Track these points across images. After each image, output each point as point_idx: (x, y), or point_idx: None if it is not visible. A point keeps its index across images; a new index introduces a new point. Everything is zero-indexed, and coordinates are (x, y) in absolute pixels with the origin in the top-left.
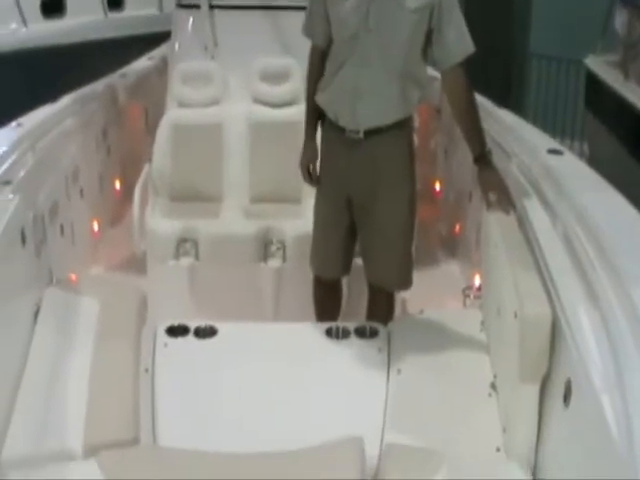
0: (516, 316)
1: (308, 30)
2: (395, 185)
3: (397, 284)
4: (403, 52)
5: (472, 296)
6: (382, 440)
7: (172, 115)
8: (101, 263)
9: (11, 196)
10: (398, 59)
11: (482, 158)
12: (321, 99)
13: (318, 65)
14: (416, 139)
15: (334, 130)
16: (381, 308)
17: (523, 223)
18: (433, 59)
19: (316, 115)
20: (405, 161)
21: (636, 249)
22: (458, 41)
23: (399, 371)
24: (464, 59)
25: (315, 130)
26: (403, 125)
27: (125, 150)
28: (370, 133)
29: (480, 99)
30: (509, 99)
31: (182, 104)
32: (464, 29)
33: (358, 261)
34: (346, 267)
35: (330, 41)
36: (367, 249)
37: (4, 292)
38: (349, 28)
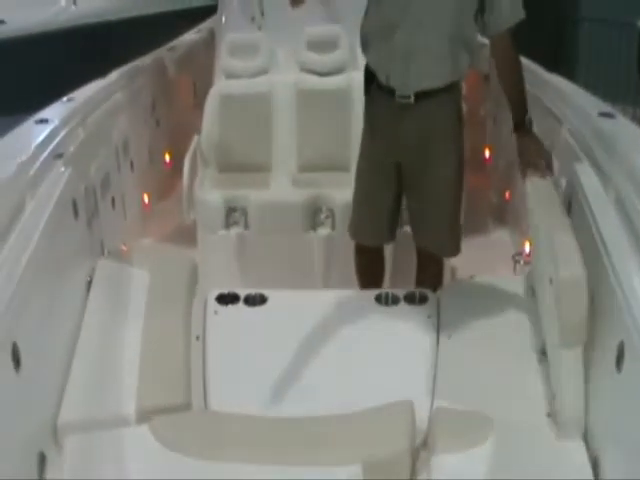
0: (551, 282)
1: None
2: (446, 150)
3: (447, 250)
4: (455, 15)
5: (522, 262)
6: (432, 404)
7: (220, 86)
8: (152, 235)
9: (63, 169)
10: (450, 21)
11: (522, 126)
12: (371, 59)
13: None
14: (464, 106)
15: (383, 94)
16: (430, 274)
17: (574, 186)
18: (483, 23)
19: None
20: (455, 126)
21: None
22: (510, 6)
23: (449, 336)
24: (514, 25)
25: None
26: (452, 89)
27: (174, 123)
28: (420, 97)
29: (530, 64)
30: (560, 64)
31: (230, 75)
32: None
33: (406, 228)
34: (393, 234)
35: None
36: (417, 215)
37: (57, 264)
38: None
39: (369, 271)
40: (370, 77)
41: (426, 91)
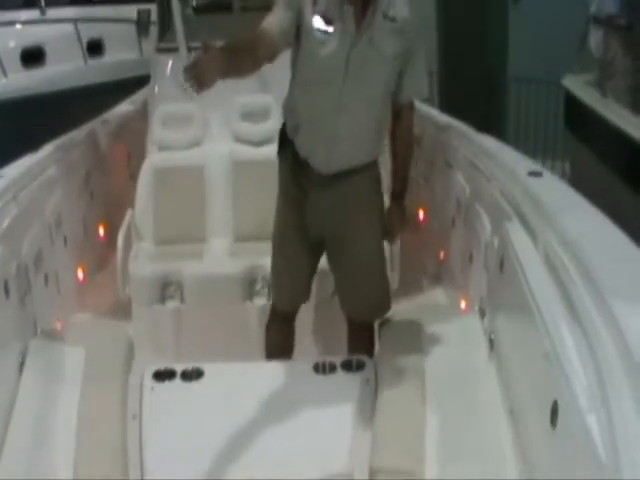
0: None
1: (271, 25)
2: (367, 220)
3: (378, 312)
4: (380, 96)
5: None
6: (370, 470)
7: (153, 159)
8: (87, 309)
9: None
10: (376, 104)
11: (397, 195)
12: (292, 133)
13: (266, 46)
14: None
15: (301, 164)
16: (363, 341)
17: (505, 245)
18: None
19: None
20: (374, 195)
21: (619, 268)
22: (419, 81)
23: (387, 401)
24: (418, 99)
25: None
26: (374, 165)
27: (109, 195)
28: (339, 174)
29: (461, 126)
30: (490, 123)
31: (163, 147)
32: (424, 72)
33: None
34: (309, 293)
35: (282, 47)
36: (343, 283)
37: None
38: (327, 72)
39: (284, 338)
40: (287, 141)
41: (345, 170)
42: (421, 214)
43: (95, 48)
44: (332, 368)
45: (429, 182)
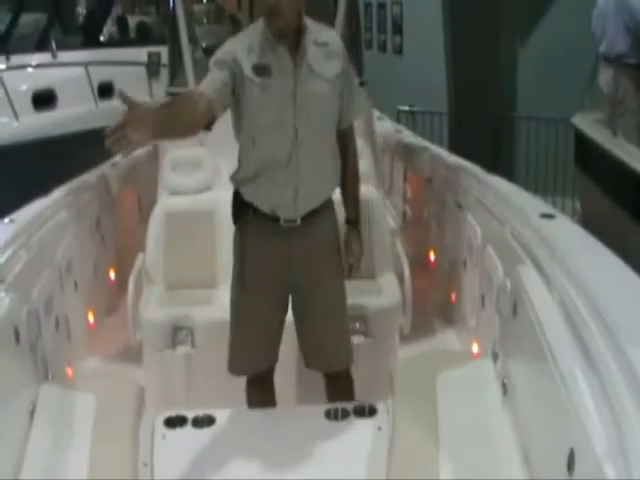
0: None
1: (208, 87)
2: (333, 261)
3: (342, 362)
4: (329, 124)
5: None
6: None
7: (163, 204)
8: (97, 354)
9: (4, 294)
10: (327, 131)
11: (354, 221)
12: (250, 195)
13: (199, 100)
14: (408, 209)
15: (264, 222)
16: (341, 389)
17: (518, 289)
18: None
19: (173, 111)
20: (337, 235)
21: (633, 311)
22: (359, 103)
23: (402, 450)
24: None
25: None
26: (330, 202)
27: (119, 239)
28: (306, 217)
29: (470, 166)
30: (499, 162)
31: (173, 192)
32: (360, 90)
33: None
34: (276, 355)
35: (218, 112)
36: (308, 336)
37: None
38: (276, 113)
39: (265, 404)
40: (242, 205)
41: (312, 211)
42: (432, 255)
43: (106, 90)
44: (345, 414)
45: (439, 223)
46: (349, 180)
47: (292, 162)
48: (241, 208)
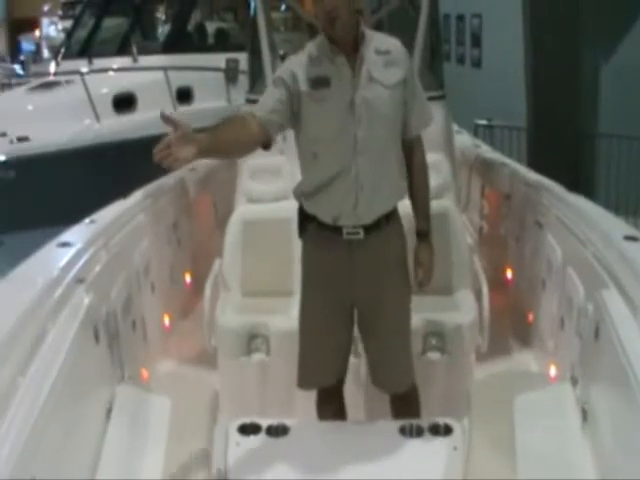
0: None
1: (264, 109)
2: (400, 277)
3: (406, 383)
4: (392, 134)
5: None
6: None
7: (242, 211)
8: (172, 357)
9: (85, 294)
10: (389, 139)
11: (424, 233)
12: (313, 207)
13: (251, 126)
14: (485, 225)
15: (327, 234)
16: (405, 409)
17: (601, 312)
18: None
19: (220, 136)
20: (403, 249)
21: None
22: (423, 113)
23: (478, 472)
24: (426, 128)
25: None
26: (395, 213)
27: (195, 243)
28: (370, 230)
29: (551, 184)
30: (579, 181)
31: (251, 199)
32: (427, 102)
33: None
34: (346, 369)
35: (272, 134)
36: (375, 353)
37: (77, 392)
38: (337, 124)
39: (337, 415)
40: (306, 218)
41: (375, 222)
42: (508, 273)
43: (184, 95)
44: (419, 431)
45: (517, 241)
46: (417, 191)
47: (352, 170)
48: (305, 221)
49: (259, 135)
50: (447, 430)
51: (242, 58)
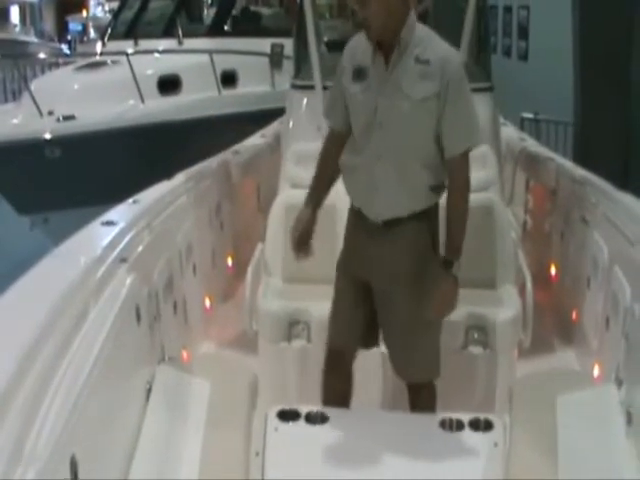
0: None
1: (328, 112)
2: (416, 278)
3: (421, 376)
4: (414, 142)
5: None
6: None
7: (285, 196)
8: (212, 340)
9: (127, 273)
10: (410, 149)
11: (447, 263)
12: (346, 186)
13: (332, 148)
14: (529, 220)
15: (357, 215)
16: (420, 401)
17: None
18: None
19: (320, 187)
20: (426, 254)
21: None
22: (461, 132)
23: (519, 471)
24: (465, 151)
25: (315, 200)
26: (423, 216)
27: (237, 226)
28: (390, 223)
29: (598, 180)
30: (628, 180)
31: (295, 185)
32: (470, 120)
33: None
34: (366, 343)
35: (349, 128)
36: (390, 342)
37: (118, 370)
38: (361, 121)
39: (339, 389)
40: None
41: (394, 219)
42: (552, 269)
43: (229, 79)
44: (459, 426)
45: (562, 237)
46: (448, 215)
47: (370, 170)
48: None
49: (342, 146)
50: (487, 426)
51: (287, 43)
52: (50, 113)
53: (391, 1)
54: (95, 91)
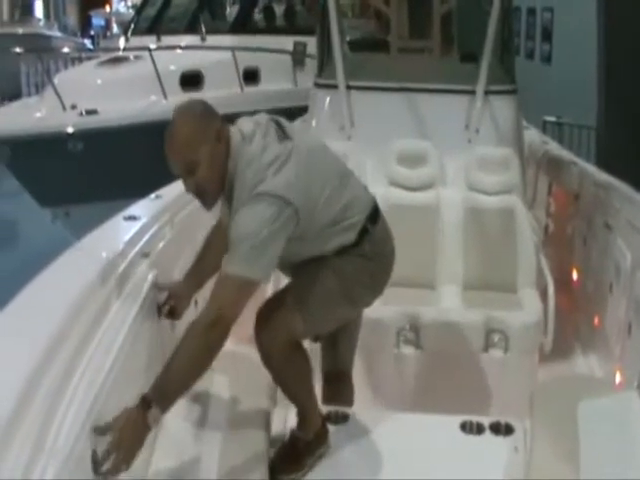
0: None
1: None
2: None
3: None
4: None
5: None
6: None
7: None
8: (232, 336)
9: (149, 269)
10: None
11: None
12: None
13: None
14: (551, 224)
15: None
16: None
17: None
18: None
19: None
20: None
21: None
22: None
23: (540, 476)
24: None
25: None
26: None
27: None
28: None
29: (622, 186)
30: None
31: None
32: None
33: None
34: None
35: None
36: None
37: (139, 365)
38: None
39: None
40: None
41: None
42: (574, 274)
43: (251, 76)
44: (480, 429)
45: (585, 242)
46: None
47: None
48: None
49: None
50: (508, 430)
51: (309, 42)
52: (73, 107)
53: (213, 151)
54: (118, 86)
